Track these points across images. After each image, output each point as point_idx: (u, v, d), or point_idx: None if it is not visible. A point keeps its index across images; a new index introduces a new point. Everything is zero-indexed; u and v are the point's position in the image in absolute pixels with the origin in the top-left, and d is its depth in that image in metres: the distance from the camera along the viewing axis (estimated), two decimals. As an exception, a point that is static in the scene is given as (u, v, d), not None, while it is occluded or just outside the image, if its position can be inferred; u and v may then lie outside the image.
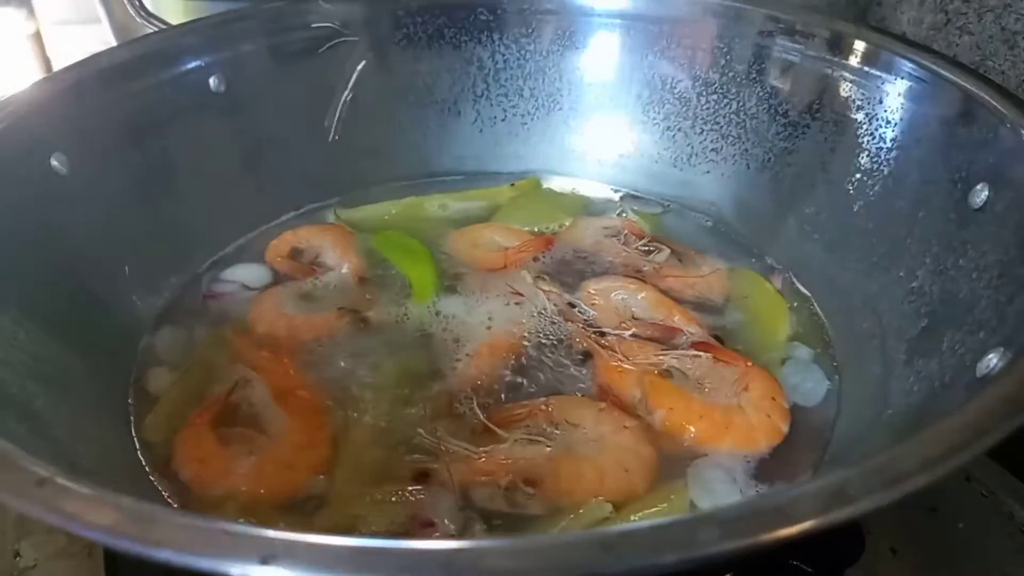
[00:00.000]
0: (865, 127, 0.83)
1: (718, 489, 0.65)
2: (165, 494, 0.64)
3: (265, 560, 0.35)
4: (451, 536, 0.61)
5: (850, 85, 0.84)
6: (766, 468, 0.68)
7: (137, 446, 0.69)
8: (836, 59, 0.86)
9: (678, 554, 0.36)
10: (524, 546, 0.37)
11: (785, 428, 0.71)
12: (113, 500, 0.38)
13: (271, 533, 0.36)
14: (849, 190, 0.85)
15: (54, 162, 0.76)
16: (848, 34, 0.85)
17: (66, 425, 0.62)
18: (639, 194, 1.07)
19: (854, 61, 0.84)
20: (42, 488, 0.38)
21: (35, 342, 0.66)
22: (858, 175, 0.84)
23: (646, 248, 0.94)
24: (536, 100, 1.09)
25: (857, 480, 0.40)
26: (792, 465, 0.68)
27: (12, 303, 0.66)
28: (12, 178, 0.71)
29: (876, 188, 0.83)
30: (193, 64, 0.92)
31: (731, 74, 0.98)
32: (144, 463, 0.68)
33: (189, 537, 0.36)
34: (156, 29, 0.98)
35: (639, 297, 0.85)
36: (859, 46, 0.84)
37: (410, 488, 0.64)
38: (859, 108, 0.84)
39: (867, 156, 0.83)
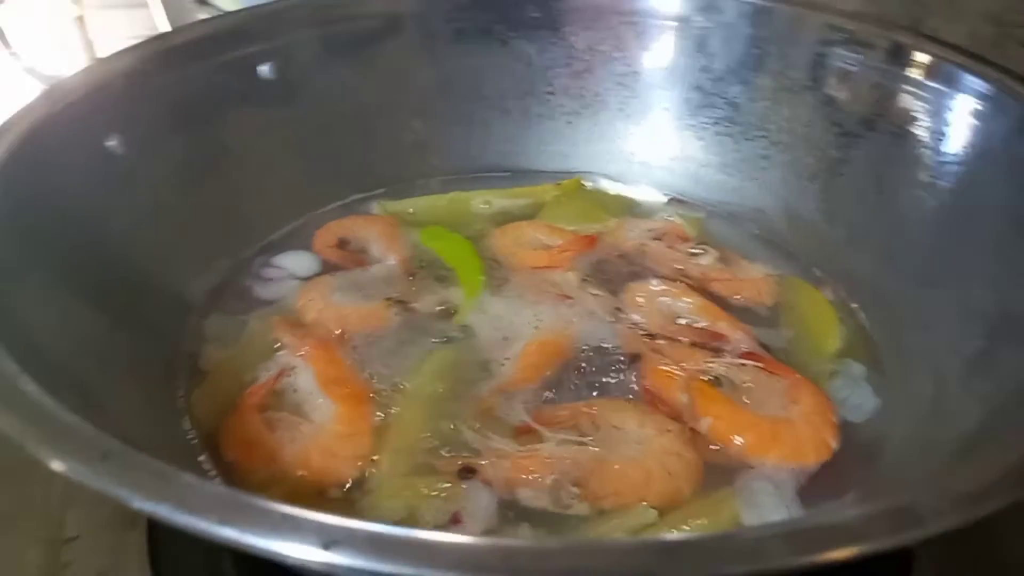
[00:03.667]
0: (925, 141, 0.81)
1: (764, 502, 0.64)
2: (212, 474, 0.65)
3: (326, 545, 0.35)
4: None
5: (910, 97, 0.83)
6: (814, 484, 0.67)
7: (185, 425, 0.69)
8: (896, 70, 0.84)
9: (744, 566, 0.36)
10: (587, 548, 0.37)
11: (835, 444, 0.69)
12: (177, 477, 0.38)
13: (334, 519, 0.36)
14: (904, 203, 0.84)
15: (109, 143, 0.77)
16: (910, 45, 0.83)
17: (117, 402, 0.63)
18: (685, 198, 1.06)
19: (915, 73, 0.82)
20: (106, 461, 0.38)
21: (88, 320, 0.67)
22: (914, 189, 0.83)
23: (692, 251, 0.93)
24: (583, 99, 1.09)
25: (927, 501, 0.39)
26: (840, 482, 0.67)
27: (68, 282, 0.66)
28: (69, 158, 0.72)
29: (933, 203, 0.81)
30: (245, 51, 0.92)
31: (784, 80, 0.96)
32: (192, 441, 0.68)
33: (252, 519, 0.36)
34: (210, 15, 0.99)
35: (684, 302, 0.85)
36: (921, 58, 0.82)
37: (453, 483, 0.64)
38: (919, 121, 0.82)
39: (925, 170, 0.81)
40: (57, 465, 0.38)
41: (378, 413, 0.70)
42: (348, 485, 0.65)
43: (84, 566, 0.63)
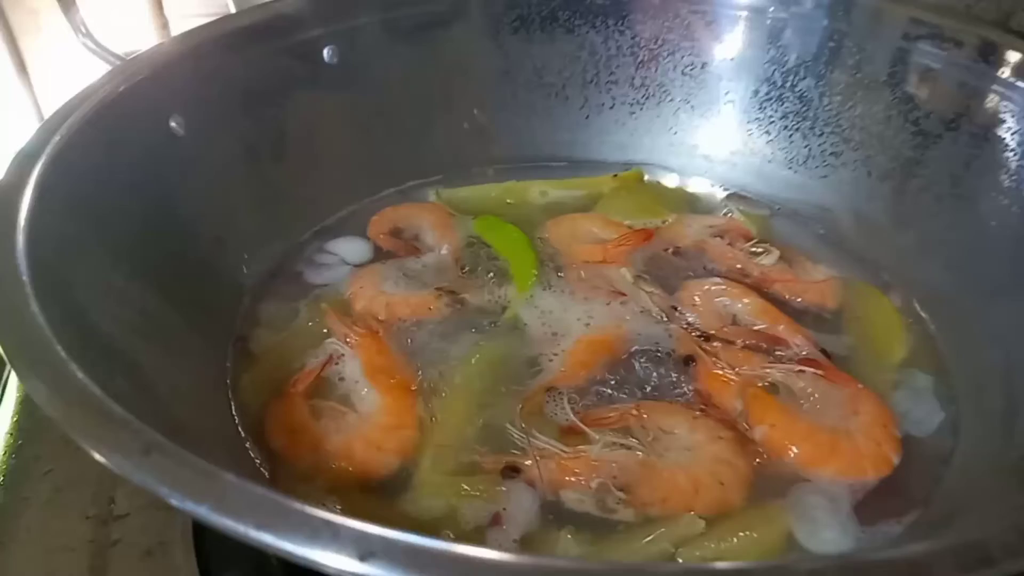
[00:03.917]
0: (1010, 145, 0.77)
1: (819, 518, 0.62)
2: (256, 461, 0.65)
3: (363, 557, 0.34)
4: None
5: (997, 98, 0.78)
6: (871, 500, 0.64)
7: (233, 409, 0.70)
8: (984, 69, 0.79)
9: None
10: (630, 570, 0.35)
11: (896, 459, 0.66)
12: (218, 477, 0.38)
13: (372, 529, 0.35)
14: (984, 209, 0.80)
15: (172, 123, 0.77)
16: (1000, 44, 0.78)
17: (167, 383, 0.63)
18: (747, 194, 1.02)
19: (1006, 73, 0.78)
20: (148, 457, 0.38)
21: (144, 300, 0.68)
22: (995, 194, 0.78)
23: (753, 250, 0.90)
24: (646, 89, 1.06)
25: (999, 537, 0.36)
26: (900, 501, 0.64)
27: (126, 260, 0.67)
28: (133, 137, 0.73)
29: (1015, 209, 0.77)
30: (308, 34, 0.92)
31: (860, 75, 0.92)
32: (239, 425, 0.68)
33: (291, 525, 0.35)
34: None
35: (743, 303, 0.82)
36: (1012, 57, 0.77)
37: (496, 482, 0.63)
38: (1005, 124, 0.77)
39: (1009, 176, 0.77)
40: (100, 457, 0.38)
41: (424, 405, 0.70)
42: (391, 478, 0.64)
43: (132, 543, 0.64)
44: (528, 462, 0.64)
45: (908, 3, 0.86)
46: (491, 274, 0.86)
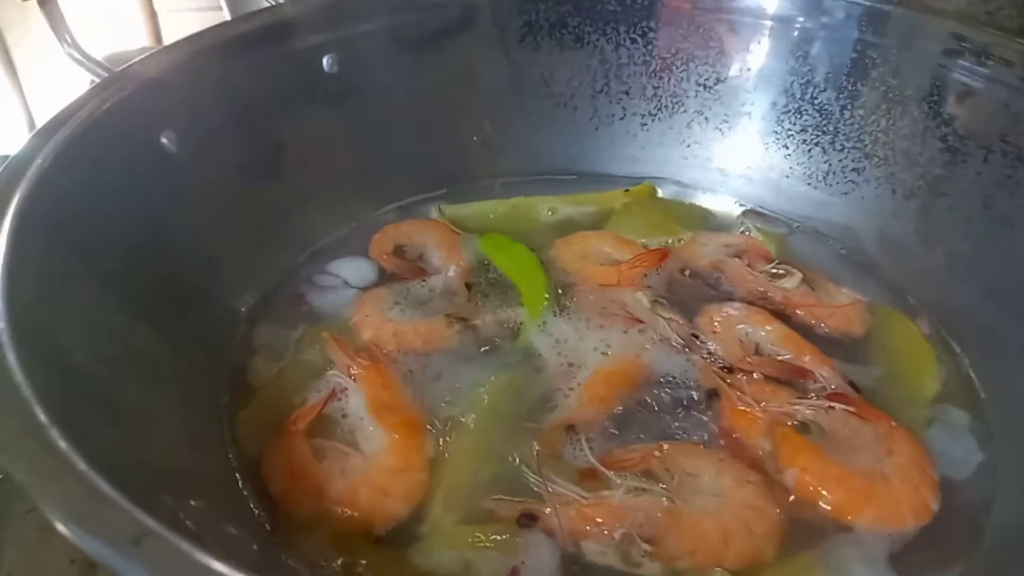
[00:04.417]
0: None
1: (856, 572, 0.58)
2: (255, 511, 0.61)
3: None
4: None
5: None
6: (911, 551, 0.60)
7: (229, 451, 0.66)
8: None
9: None
10: None
11: (935, 505, 0.62)
12: (213, 568, 0.33)
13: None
14: (1018, 231, 0.76)
15: (163, 140, 0.73)
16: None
17: (158, 427, 0.59)
18: (764, 211, 0.98)
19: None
20: (139, 546, 0.34)
21: (132, 333, 0.63)
22: (1032, 216, 0.75)
23: (774, 271, 0.86)
24: (659, 100, 1.02)
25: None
26: (941, 551, 0.60)
27: (113, 291, 0.63)
28: (122, 154, 0.68)
29: (1053, 233, 0.73)
30: (307, 43, 0.87)
31: (885, 88, 0.88)
32: (236, 470, 0.64)
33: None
34: (272, 3, 0.94)
35: (765, 330, 0.78)
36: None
37: (512, 532, 0.59)
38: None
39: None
40: (86, 548, 0.34)
41: (433, 445, 0.65)
42: (399, 526, 0.60)
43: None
44: (547, 509, 0.60)
45: (947, 16, 0.81)
46: (500, 296, 0.82)
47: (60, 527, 0.34)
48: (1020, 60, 0.74)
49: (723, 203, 1.00)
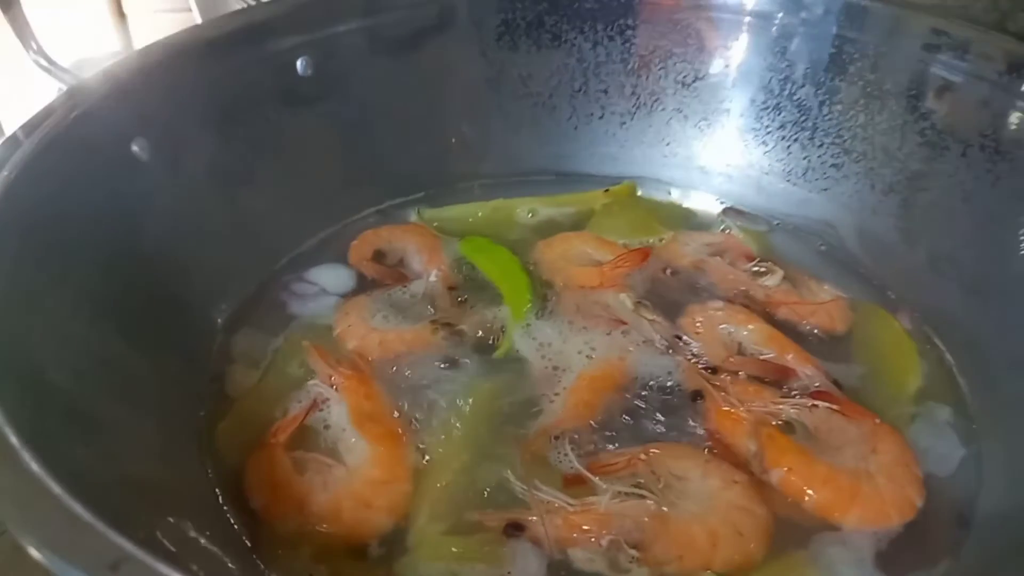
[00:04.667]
0: (1029, 160, 0.73)
1: (844, 572, 0.58)
2: (235, 526, 0.60)
3: None
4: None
5: (1020, 115, 0.74)
6: (896, 548, 0.60)
7: (206, 466, 0.64)
8: (1008, 83, 0.75)
9: None
10: None
11: (919, 502, 0.62)
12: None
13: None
14: (999, 226, 0.76)
15: (135, 147, 0.71)
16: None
17: (134, 443, 0.58)
18: (745, 208, 0.98)
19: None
20: (116, 572, 0.33)
21: (107, 346, 0.62)
22: (1012, 210, 0.75)
23: (756, 269, 0.85)
24: (638, 98, 1.01)
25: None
26: (927, 548, 0.60)
27: (86, 303, 0.61)
28: (93, 165, 0.67)
29: (1036, 229, 0.73)
30: (280, 45, 0.85)
31: (862, 83, 0.88)
32: (215, 485, 0.63)
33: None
34: (244, 5, 0.92)
35: (748, 329, 0.78)
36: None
37: (499, 542, 0.58)
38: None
39: (1025, 191, 0.74)
40: (60, 574, 0.33)
41: (416, 455, 0.64)
42: (384, 539, 0.59)
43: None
44: (532, 517, 0.59)
45: (925, 11, 0.81)
46: (483, 300, 0.81)
47: (34, 553, 0.33)
48: (1000, 55, 0.74)
49: (703, 201, 1.00)
